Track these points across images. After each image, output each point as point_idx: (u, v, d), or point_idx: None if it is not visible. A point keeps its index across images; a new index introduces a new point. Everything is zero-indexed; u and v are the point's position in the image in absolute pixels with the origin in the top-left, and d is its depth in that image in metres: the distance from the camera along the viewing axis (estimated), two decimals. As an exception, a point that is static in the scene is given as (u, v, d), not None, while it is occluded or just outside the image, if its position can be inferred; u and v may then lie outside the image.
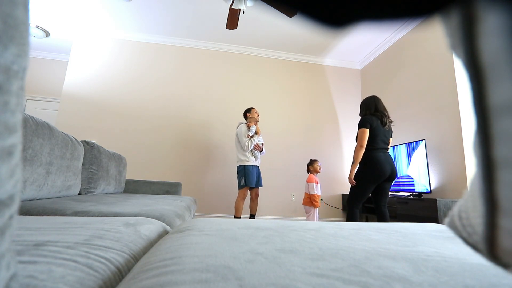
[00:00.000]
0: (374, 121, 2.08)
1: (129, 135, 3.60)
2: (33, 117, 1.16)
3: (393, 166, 2.08)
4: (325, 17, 0.15)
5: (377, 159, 2.04)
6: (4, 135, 0.19)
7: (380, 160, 2.04)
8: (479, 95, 0.14)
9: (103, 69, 3.73)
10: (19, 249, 0.35)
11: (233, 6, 2.45)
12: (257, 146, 2.88)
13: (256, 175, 2.87)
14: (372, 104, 2.16)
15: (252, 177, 2.81)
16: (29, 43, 0.21)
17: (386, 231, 0.56)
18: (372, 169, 2.03)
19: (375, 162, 2.03)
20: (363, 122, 2.08)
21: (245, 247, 0.37)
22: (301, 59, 4.20)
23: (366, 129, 2.05)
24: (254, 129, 2.87)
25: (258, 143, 2.90)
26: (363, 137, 2.04)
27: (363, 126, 2.06)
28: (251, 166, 2.84)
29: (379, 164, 2.03)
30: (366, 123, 2.06)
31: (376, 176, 2.03)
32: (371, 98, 2.21)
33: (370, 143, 2.06)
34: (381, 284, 0.26)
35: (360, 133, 2.07)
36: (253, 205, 2.97)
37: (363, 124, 2.07)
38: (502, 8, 0.13)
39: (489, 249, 0.17)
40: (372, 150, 2.07)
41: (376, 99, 2.19)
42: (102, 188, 1.90)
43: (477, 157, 0.16)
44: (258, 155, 2.92)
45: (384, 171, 2.02)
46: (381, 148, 2.08)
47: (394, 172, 2.08)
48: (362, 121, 2.09)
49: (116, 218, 0.67)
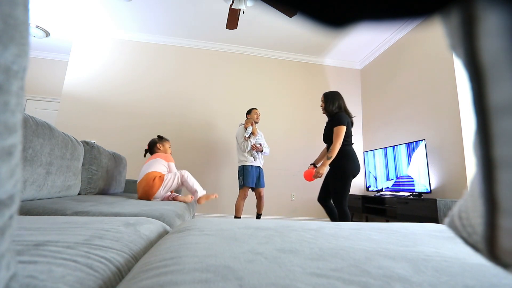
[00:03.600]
0: (349, 119, 2.19)
1: (129, 135, 3.60)
2: (33, 117, 1.16)
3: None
4: (325, 17, 0.15)
5: (354, 154, 2.15)
6: (4, 135, 0.19)
7: (355, 155, 2.16)
8: (479, 95, 0.14)
9: (103, 69, 3.73)
10: (19, 249, 0.35)
11: (233, 6, 2.45)
12: (255, 146, 2.88)
13: (255, 176, 2.87)
14: (342, 101, 2.24)
15: (250, 177, 2.82)
16: (29, 43, 0.21)
17: (386, 231, 0.56)
18: (352, 163, 2.11)
19: (353, 156, 2.13)
20: (343, 119, 2.13)
21: (245, 247, 0.37)
22: (301, 59, 4.20)
23: (345, 127, 2.12)
24: (250, 130, 2.90)
25: (256, 144, 2.89)
26: (342, 134, 2.10)
27: (343, 123, 2.12)
28: (250, 166, 2.86)
29: (356, 159, 2.14)
30: (345, 120, 2.13)
31: (356, 170, 2.12)
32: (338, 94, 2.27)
33: (346, 139, 2.14)
34: (381, 284, 0.26)
35: (341, 130, 2.11)
36: (258, 205, 2.99)
37: (343, 121, 2.12)
38: (502, 8, 0.13)
39: (489, 249, 0.17)
40: (348, 146, 2.15)
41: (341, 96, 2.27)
42: (102, 188, 1.90)
43: (477, 157, 0.16)
44: (258, 156, 2.92)
45: (359, 165, 2.13)
46: (352, 143, 2.20)
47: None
48: (341, 119, 2.13)
49: (116, 218, 0.67)
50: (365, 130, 4.11)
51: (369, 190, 3.58)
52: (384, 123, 3.65)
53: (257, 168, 2.91)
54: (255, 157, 2.88)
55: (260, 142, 2.95)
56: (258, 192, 2.94)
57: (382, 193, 3.22)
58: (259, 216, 3.01)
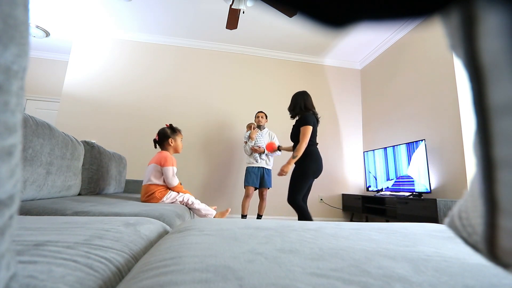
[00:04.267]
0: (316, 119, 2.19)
1: (129, 135, 3.60)
2: (33, 117, 1.16)
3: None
4: (325, 17, 0.15)
5: (318, 155, 2.16)
6: (4, 135, 0.19)
7: (319, 155, 2.16)
8: (479, 95, 0.14)
9: (103, 69, 3.73)
10: (19, 249, 0.35)
11: (233, 6, 2.45)
12: (254, 149, 2.96)
13: (258, 176, 2.95)
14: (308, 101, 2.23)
15: (250, 178, 2.94)
16: (29, 43, 0.21)
17: (386, 231, 0.56)
18: (315, 163, 2.12)
19: (317, 157, 2.14)
20: (309, 119, 2.14)
21: (245, 247, 0.37)
22: (301, 59, 4.20)
23: (311, 127, 2.12)
24: (247, 134, 3.07)
25: (255, 147, 2.97)
26: (308, 134, 2.10)
27: (309, 123, 2.12)
28: (251, 167, 2.98)
29: (320, 159, 2.15)
30: (311, 120, 2.14)
31: (318, 171, 2.13)
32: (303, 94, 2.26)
33: (311, 139, 2.15)
34: (381, 284, 0.26)
35: (307, 130, 2.11)
36: (259, 205, 3.05)
37: (309, 121, 2.13)
38: (502, 8, 0.13)
39: (489, 249, 0.17)
40: (313, 146, 2.16)
41: (308, 96, 2.26)
42: (102, 188, 1.90)
43: (477, 157, 0.16)
44: (259, 157, 2.97)
45: (321, 166, 2.16)
46: (316, 143, 2.20)
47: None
48: (308, 119, 2.14)
49: (116, 218, 0.67)
50: (365, 130, 4.11)
51: (369, 190, 3.58)
52: (384, 123, 3.65)
53: (260, 169, 2.98)
54: (256, 159, 2.95)
55: (259, 145, 2.99)
56: (261, 192, 3.02)
57: (382, 193, 3.22)
58: (260, 217, 3.03)
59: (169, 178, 1.63)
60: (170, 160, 1.67)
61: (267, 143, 2.44)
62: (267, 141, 3.05)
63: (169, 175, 1.63)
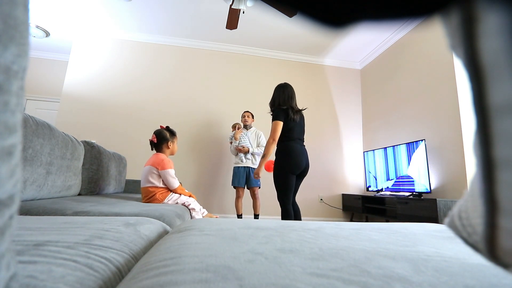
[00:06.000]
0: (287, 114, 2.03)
1: (129, 135, 3.60)
2: (33, 117, 1.16)
3: (308, 161, 2.05)
4: (325, 17, 0.15)
5: (295, 149, 1.99)
6: (4, 135, 0.19)
7: (296, 150, 1.99)
8: (479, 95, 0.14)
9: (103, 69, 3.73)
10: (19, 249, 0.35)
11: (233, 6, 2.45)
12: (238, 149, 3.01)
13: (244, 176, 2.98)
14: (282, 95, 2.08)
15: (236, 178, 3.00)
16: (29, 43, 0.21)
17: (386, 231, 0.56)
18: (291, 159, 1.98)
19: (293, 152, 1.98)
20: (277, 114, 2.01)
21: (245, 247, 0.37)
22: (301, 59, 4.20)
23: (279, 122, 1.99)
24: (232, 134, 3.17)
25: (239, 146, 3.00)
26: (276, 129, 1.98)
27: (276, 118, 2.00)
28: (237, 167, 3.04)
29: (298, 154, 1.98)
30: (280, 115, 2.00)
31: (295, 166, 1.97)
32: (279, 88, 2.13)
33: (286, 135, 2.01)
34: (381, 284, 0.26)
35: (274, 126, 2.00)
36: (253, 205, 3.04)
37: (277, 116, 2.01)
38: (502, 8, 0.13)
39: (489, 249, 0.17)
40: (289, 141, 2.01)
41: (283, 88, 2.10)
42: (102, 188, 1.90)
43: (477, 157, 0.16)
44: (244, 156, 3.00)
45: (299, 162, 1.98)
46: (297, 139, 2.04)
47: (308, 167, 2.05)
48: (276, 114, 2.02)
49: (116, 218, 0.67)
50: (365, 130, 4.11)
51: (369, 190, 3.58)
52: (384, 123, 3.65)
53: (245, 168, 3.00)
54: (242, 159, 3.00)
55: (243, 145, 3.02)
56: (251, 191, 3.02)
57: (382, 193, 3.22)
58: (257, 217, 3.02)
59: (169, 181, 1.62)
60: (168, 163, 1.64)
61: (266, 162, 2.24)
62: (253, 140, 3.06)
63: (168, 178, 1.61)
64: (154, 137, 1.73)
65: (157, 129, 1.77)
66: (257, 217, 3.03)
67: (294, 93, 2.10)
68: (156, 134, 1.74)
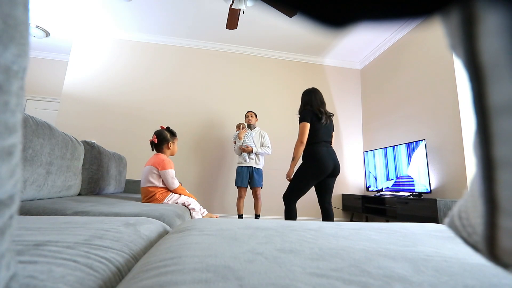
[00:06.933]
0: (314, 116, 2.01)
1: (129, 135, 3.60)
2: (33, 117, 1.16)
3: (336, 161, 2.00)
4: (325, 17, 0.15)
5: (319, 153, 1.95)
6: (4, 135, 0.19)
7: (322, 154, 1.95)
8: (479, 95, 0.14)
9: (103, 69, 3.73)
10: (19, 249, 0.35)
11: (233, 6, 2.45)
12: (242, 148, 2.99)
13: (247, 176, 2.97)
14: (309, 97, 2.09)
15: (239, 177, 2.99)
16: (29, 43, 0.21)
17: (386, 231, 0.56)
18: (314, 163, 1.94)
19: (317, 156, 1.94)
20: (304, 115, 2.00)
21: (245, 247, 0.37)
22: (301, 59, 4.20)
23: (306, 123, 1.97)
24: (236, 134, 3.16)
25: (243, 146, 2.99)
26: (303, 132, 1.96)
27: (303, 120, 1.98)
28: (240, 167, 3.03)
29: (322, 159, 1.94)
30: (307, 116, 1.98)
31: (319, 171, 1.93)
32: (306, 92, 2.14)
33: (312, 138, 1.99)
34: (381, 284, 0.26)
35: (301, 127, 1.98)
36: (255, 205, 3.03)
37: (304, 118, 1.99)
38: (502, 8, 0.13)
39: (489, 249, 0.17)
40: (314, 144, 1.98)
41: (314, 93, 2.11)
42: (102, 188, 1.90)
43: (477, 157, 0.16)
44: (248, 156, 2.98)
45: (326, 166, 1.94)
46: (323, 141, 2.00)
47: (337, 167, 2.01)
48: (303, 115, 2.01)
49: (116, 218, 0.67)
50: (365, 130, 4.11)
51: (369, 190, 3.58)
52: (384, 123, 3.65)
53: (248, 168, 2.99)
54: (245, 159, 2.98)
55: (246, 144, 3.01)
56: (253, 191, 3.01)
57: (382, 193, 3.22)
58: (257, 217, 3.02)
59: (169, 181, 1.62)
60: (168, 163, 1.65)
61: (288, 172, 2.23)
62: (257, 140, 3.06)
63: (168, 178, 1.62)
64: (154, 137, 1.74)
65: (158, 130, 1.78)
66: (257, 218, 3.03)
67: (323, 97, 2.13)
68: (157, 135, 1.74)
